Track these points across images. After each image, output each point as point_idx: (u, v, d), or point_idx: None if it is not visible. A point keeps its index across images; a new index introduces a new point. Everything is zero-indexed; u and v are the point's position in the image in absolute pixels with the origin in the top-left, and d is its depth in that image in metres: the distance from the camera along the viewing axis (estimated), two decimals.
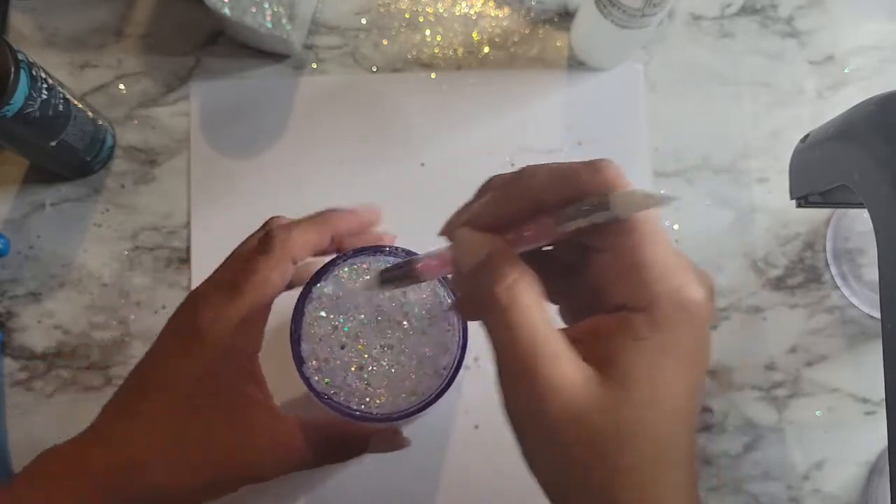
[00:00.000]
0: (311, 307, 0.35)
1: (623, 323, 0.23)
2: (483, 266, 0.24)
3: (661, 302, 0.23)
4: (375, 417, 0.34)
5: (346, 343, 0.35)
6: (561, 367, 0.23)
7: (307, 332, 0.35)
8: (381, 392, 0.35)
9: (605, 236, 0.24)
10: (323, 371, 0.35)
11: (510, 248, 0.25)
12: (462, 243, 0.26)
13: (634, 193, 0.22)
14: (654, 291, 0.23)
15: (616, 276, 0.24)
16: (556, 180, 0.24)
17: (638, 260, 0.23)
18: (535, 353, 0.23)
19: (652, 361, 0.23)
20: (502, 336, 0.23)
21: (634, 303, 0.23)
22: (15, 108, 0.38)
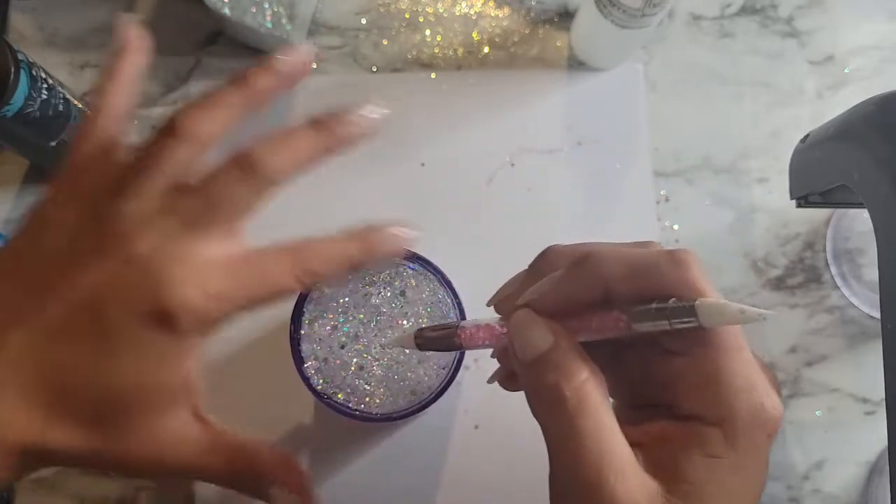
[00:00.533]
0: (311, 307, 0.35)
1: (696, 436, 0.22)
2: (548, 360, 0.23)
3: (739, 420, 0.22)
4: (375, 417, 0.34)
5: (346, 343, 0.35)
6: (627, 484, 0.21)
7: (307, 332, 0.35)
8: (382, 392, 0.35)
9: (684, 341, 0.23)
10: (323, 371, 0.35)
11: (576, 341, 0.23)
12: (523, 328, 0.24)
13: (728, 307, 0.21)
14: (733, 408, 0.22)
15: (692, 384, 0.23)
16: (632, 272, 0.22)
17: (717, 371, 0.22)
18: (602, 465, 0.21)
19: (723, 481, 0.22)
20: (565, 441, 0.22)
21: (710, 416, 0.22)
22: (15, 108, 0.38)
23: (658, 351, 0.24)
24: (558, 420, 0.22)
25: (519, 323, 0.24)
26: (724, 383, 0.22)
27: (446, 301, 0.35)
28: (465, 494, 0.46)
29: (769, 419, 0.22)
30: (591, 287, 0.23)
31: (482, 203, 0.49)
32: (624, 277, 0.22)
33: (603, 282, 0.23)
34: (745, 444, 0.22)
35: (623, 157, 0.50)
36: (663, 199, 0.50)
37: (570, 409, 0.22)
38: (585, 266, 0.23)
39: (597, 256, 0.23)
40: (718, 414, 0.22)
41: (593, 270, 0.23)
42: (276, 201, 0.49)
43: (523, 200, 0.49)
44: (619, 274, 0.22)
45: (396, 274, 0.36)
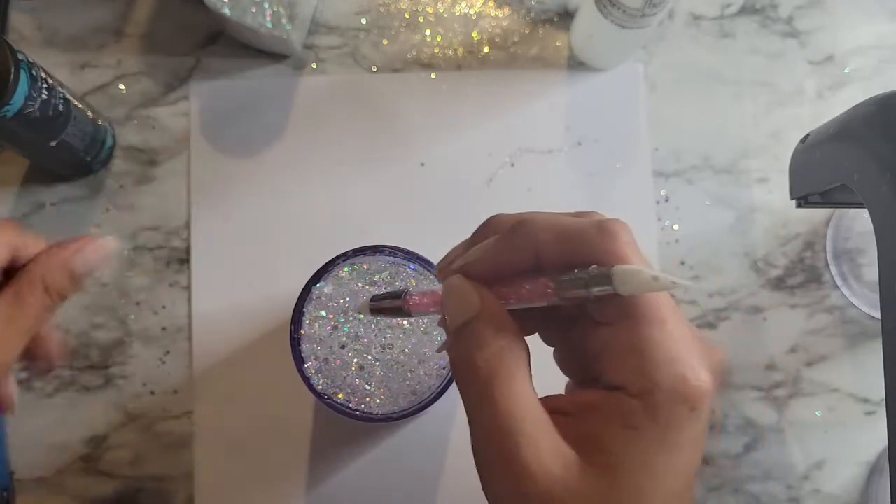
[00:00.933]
0: (311, 307, 0.35)
1: (617, 406, 0.22)
2: (468, 329, 0.23)
3: (660, 391, 0.21)
4: (376, 417, 0.34)
5: (346, 343, 0.35)
6: (540, 451, 0.21)
7: (307, 332, 0.35)
8: (382, 392, 0.35)
9: (608, 309, 0.22)
10: (323, 371, 0.35)
11: (501, 308, 0.23)
12: (452, 294, 0.24)
13: (640, 273, 0.20)
14: (654, 379, 0.21)
15: (615, 354, 0.22)
16: (561, 238, 0.22)
17: (639, 342, 0.21)
18: (513, 432, 0.21)
19: (643, 453, 0.21)
20: (478, 410, 0.22)
21: (631, 387, 0.22)
22: (15, 108, 0.38)
23: (592, 323, 0.23)
24: (471, 388, 0.22)
25: (449, 289, 0.24)
26: (645, 354, 0.21)
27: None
28: (465, 495, 0.46)
29: (692, 393, 0.21)
30: (522, 253, 0.23)
31: (482, 203, 0.49)
32: (553, 244, 0.22)
33: (534, 248, 0.23)
34: (665, 417, 0.21)
35: (623, 157, 0.50)
36: (663, 199, 0.50)
37: (482, 377, 0.22)
38: (519, 232, 0.23)
39: (530, 223, 0.23)
40: (639, 385, 0.21)
41: (526, 237, 0.23)
42: (277, 202, 0.49)
43: (523, 200, 0.49)
44: (549, 240, 0.22)
45: (396, 274, 0.36)
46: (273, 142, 0.49)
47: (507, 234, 0.24)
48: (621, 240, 0.22)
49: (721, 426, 0.48)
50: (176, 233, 0.48)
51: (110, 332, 0.47)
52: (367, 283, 0.36)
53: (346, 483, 0.45)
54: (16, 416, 0.46)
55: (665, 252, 0.49)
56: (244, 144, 0.49)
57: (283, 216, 0.49)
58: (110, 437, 0.46)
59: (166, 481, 0.46)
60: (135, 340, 0.47)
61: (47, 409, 0.46)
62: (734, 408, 0.48)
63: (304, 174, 0.49)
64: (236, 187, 0.48)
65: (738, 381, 0.48)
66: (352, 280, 0.36)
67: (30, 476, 0.45)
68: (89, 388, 0.46)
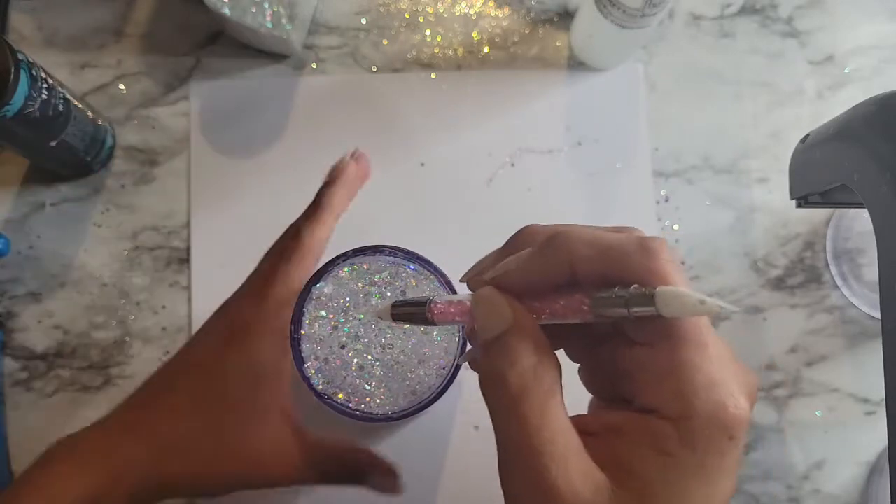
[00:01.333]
0: (311, 307, 0.35)
1: (650, 430, 0.21)
2: (500, 342, 0.22)
3: (697, 418, 0.20)
4: (376, 417, 0.34)
5: (347, 343, 0.35)
6: (569, 474, 0.20)
7: (307, 332, 0.35)
8: (382, 392, 0.35)
9: (646, 330, 0.22)
10: (323, 371, 0.35)
11: (533, 323, 0.22)
12: (483, 306, 0.23)
13: (686, 296, 0.20)
14: (692, 404, 0.20)
15: (652, 376, 0.22)
16: (599, 254, 0.22)
17: (679, 365, 0.21)
18: (543, 452, 0.21)
19: (679, 481, 0.20)
20: (507, 426, 0.22)
21: (667, 410, 0.21)
22: (15, 108, 0.38)
23: (626, 342, 0.23)
24: (501, 402, 0.22)
25: (480, 301, 0.23)
26: (684, 378, 0.21)
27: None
28: (465, 495, 0.46)
29: (731, 421, 0.20)
30: (558, 267, 0.22)
31: (482, 203, 0.49)
32: (591, 260, 0.22)
33: (570, 263, 0.22)
34: (703, 445, 0.20)
35: (623, 157, 0.50)
36: (663, 199, 0.50)
37: (513, 393, 0.21)
38: (554, 245, 0.22)
39: (566, 236, 0.22)
40: (675, 410, 0.21)
41: (562, 250, 0.22)
42: (277, 202, 0.49)
43: (523, 200, 0.49)
44: (586, 256, 0.22)
45: (396, 274, 0.36)
46: (273, 142, 0.49)
47: (543, 247, 0.23)
48: (662, 258, 0.21)
49: None
50: (176, 233, 0.48)
51: (110, 332, 0.47)
52: (367, 284, 0.36)
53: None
54: (16, 415, 0.46)
55: None
56: (244, 144, 0.49)
57: (283, 216, 0.48)
58: None
59: None
60: (135, 340, 0.47)
61: (47, 409, 0.46)
62: None
63: (304, 174, 0.49)
64: (236, 187, 0.48)
65: None
66: (352, 280, 0.36)
67: None
68: (89, 387, 0.46)
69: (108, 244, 0.48)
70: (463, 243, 0.48)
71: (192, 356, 0.35)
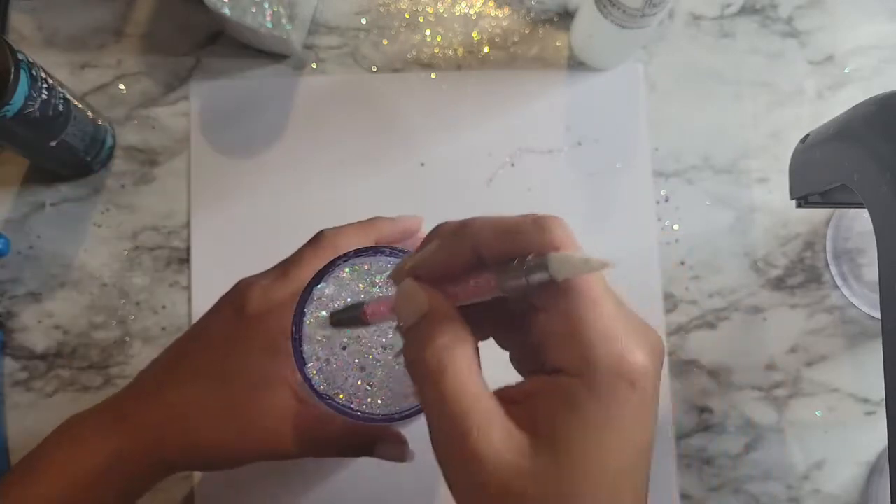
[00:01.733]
0: (312, 307, 0.35)
1: (559, 389, 0.22)
2: (417, 327, 0.24)
3: (598, 369, 0.22)
4: (377, 418, 0.34)
5: (348, 344, 0.35)
6: (490, 437, 0.22)
7: (308, 333, 0.35)
8: (383, 392, 0.35)
9: (547, 296, 0.23)
10: (324, 372, 0.35)
11: (448, 306, 0.24)
12: (402, 296, 0.25)
13: (571, 257, 0.22)
14: (591, 358, 0.22)
15: (554, 338, 0.23)
16: (501, 235, 0.23)
17: (575, 324, 0.22)
18: (465, 421, 0.22)
19: (588, 431, 0.22)
20: (431, 405, 0.23)
21: (571, 368, 0.22)
22: (15, 109, 0.38)
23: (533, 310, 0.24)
24: (424, 384, 0.23)
25: (400, 291, 0.25)
26: (581, 334, 0.22)
27: None
28: None
29: (630, 370, 0.22)
30: (466, 252, 0.24)
31: (482, 203, 0.49)
32: (493, 241, 0.23)
33: (476, 246, 0.24)
34: (606, 395, 0.22)
35: (623, 157, 0.50)
36: (663, 199, 0.50)
37: (432, 372, 0.23)
38: (463, 233, 0.24)
39: (471, 223, 0.24)
40: (577, 366, 0.22)
41: (466, 235, 0.24)
42: (277, 202, 0.49)
43: (523, 200, 0.49)
44: (488, 238, 0.24)
45: None
46: (273, 142, 0.49)
47: (451, 236, 0.25)
48: (557, 232, 0.23)
49: (721, 426, 0.48)
50: (176, 233, 0.48)
51: (110, 332, 0.47)
52: (368, 284, 0.36)
53: (346, 483, 0.45)
54: (16, 415, 0.46)
55: (665, 252, 0.49)
56: (244, 144, 0.49)
57: (283, 216, 0.49)
58: None
59: (166, 481, 0.46)
60: (135, 340, 0.47)
61: (47, 408, 0.46)
62: (734, 408, 0.48)
63: (304, 174, 0.49)
64: (236, 187, 0.48)
65: (738, 381, 0.48)
66: (353, 281, 0.36)
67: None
68: (89, 387, 0.46)
69: (108, 244, 0.48)
70: None
71: (201, 330, 0.36)
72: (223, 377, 0.34)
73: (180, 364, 0.35)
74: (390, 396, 0.35)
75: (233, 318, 0.35)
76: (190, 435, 0.34)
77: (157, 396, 0.34)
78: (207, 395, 0.34)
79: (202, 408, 0.34)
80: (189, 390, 0.34)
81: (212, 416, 0.34)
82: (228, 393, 0.34)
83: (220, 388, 0.34)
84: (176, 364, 0.35)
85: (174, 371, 0.35)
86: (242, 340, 0.34)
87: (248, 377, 0.34)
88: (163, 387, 0.35)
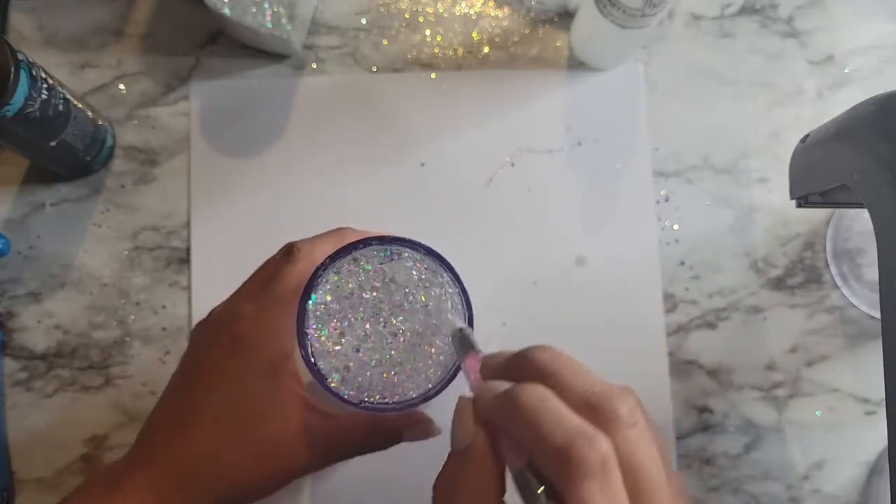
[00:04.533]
0: (312, 322, 0.35)
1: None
2: (463, 459, 0.26)
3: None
4: (415, 401, 0.34)
5: (359, 345, 0.35)
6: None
7: (319, 349, 0.35)
8: (410, 374, 0.35)
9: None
10: (348, 380, 0.34)
11: (489, 454, 0.26)
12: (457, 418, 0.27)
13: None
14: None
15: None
16: (541, 441, 0.23)
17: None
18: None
19: None
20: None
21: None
22: (15, 109, 0.38)
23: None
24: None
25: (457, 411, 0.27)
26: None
27: (441, 274, 0.35)
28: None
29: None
30: (514, 423, 0.24)
31: (482, 203, 0.49)
32: (532, 440, 0.23)
33: (524, 434, 0.24)
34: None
35: (623, 157, 0.50)
36: (663, 199, 0.50)
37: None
38: (520, 412, 0.24)
39: (549, 409, 0.24)
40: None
41: (525, 420, 0.24)
42: (277, 202, 0.49)
43: (523, 200, 0.49)
44: (531, 436, 0.23)
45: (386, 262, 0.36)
46: (273, 142, 0.49)
47: (510, 405, 0.25)
48: (582, 483, 0.22)
49: (721, 426, 0.48)
50: (176, 233, 0.48)
51: (110, 332, 0.47)
52: (358, 282, 0.36)
53: (347, 482, 0.45)
54: (16, 415, 0.46)
55: (665, 252, 0.49)
56: (244, 144, 0.49)
57: (283, 216, 0.49)
58: (110, 437, 0.46)
59: None
60: (135, 340, 0.47)
61: (47, 409, 0.46)
62: (734, 408, 0.48)
63: (304, 174, 0.49)
64: (236, 187, 0.48)
65: (738, 381, 0.48)
66: (341, 282, 0.36)
67: (30, 476, 0.45)
68: (89, 387, 0.46)
69: (108, 244, 0.48)
70: (463, 243, 0.48)
71: (201, 367, 0.35)
72: (236, 414, 0.34)
73: (193, 407, 0.35)
74: (418, 375, 0.35)
75: (230, 352, 0.35)
76: (220, 478, 0.33)
77: (179, 444, 0.34)
78: (226, 436, 0.34)
79: (224, 448, 0.33)
80: (208, 433, 0.34)
81: (234, 455, 0.33)
82: (244, 429, 0.34)
83: (237, 427, 0.34)
84: (189, 407, 0.35)
85: (189, 414, 0.34)
86: (245, 374, 0.34)
87: (259, 407, 0.34)
88: (181, 431, 0.34)
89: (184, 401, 0.35)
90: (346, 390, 0.34)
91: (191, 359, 0.36)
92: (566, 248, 0.49)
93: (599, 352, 0.47)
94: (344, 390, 0.34)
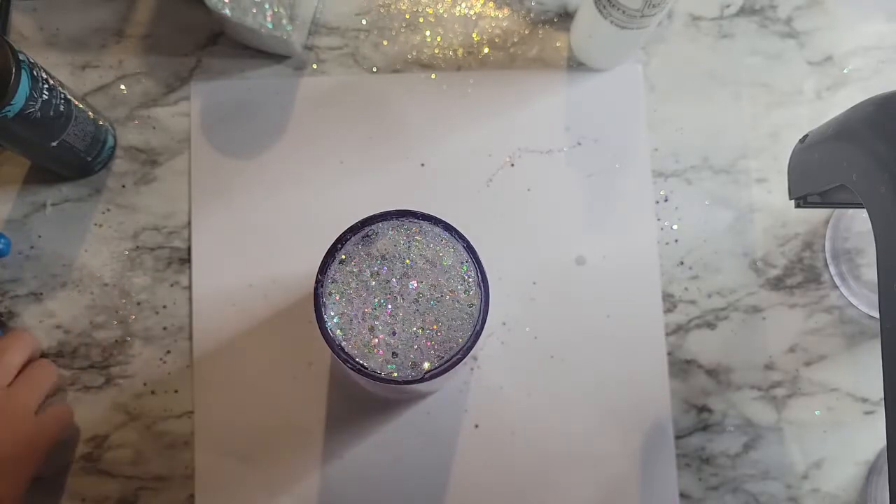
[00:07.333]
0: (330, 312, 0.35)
1: None
2: None
3: None
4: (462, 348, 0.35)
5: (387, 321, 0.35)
6: None
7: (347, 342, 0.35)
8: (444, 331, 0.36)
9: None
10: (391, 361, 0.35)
11: None
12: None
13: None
14: None
15: None
16: None
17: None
18: None
19: None
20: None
21: None
22: (16, 109, 0.38)
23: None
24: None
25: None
26: None
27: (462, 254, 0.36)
28: (465, 491, 0.46)
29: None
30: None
31: (482, 203, 0.49)
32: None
33: None
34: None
35: (623, 157, 0.50)
36: (662, 199, 0.50)
37: None
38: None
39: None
40: None
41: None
42: (277, 202, 0.49)
43: (523, 200, 0.49)
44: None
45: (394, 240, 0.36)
46: (273, 142, 0.49)
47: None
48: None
49: (720, 426, 0.48)
50: (176, 233, 0.48)
51: (111, 332, 0.47)
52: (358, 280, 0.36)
53: (346, 482, 0.46)
54: None
55: (664, 252, 0.49)
56: (244, 144, 0.49)
57: (284, 216, 0.49)
58: (111, 437, 0.46)
59: (167, 481, 0.46)
60: (136, 340, 0.47)
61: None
62: (734, 407, 0.48)
63: (304, 174, 0.49)
64: (236, 187, 0.49)
65: (738, 381, 0.48)
66: (349, 266, 0.36)
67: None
68: (90, 387, 0.46)
69: (108, 244, 0.48)
70: None
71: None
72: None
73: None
74: (449, 331, 0.36)
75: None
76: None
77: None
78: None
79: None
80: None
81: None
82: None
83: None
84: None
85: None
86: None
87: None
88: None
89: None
90: (396, 370, 0.35)
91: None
92: (566, 248, 0.49)
93: (599, 351, 0.47)
94: (395, 373, 0.35)
